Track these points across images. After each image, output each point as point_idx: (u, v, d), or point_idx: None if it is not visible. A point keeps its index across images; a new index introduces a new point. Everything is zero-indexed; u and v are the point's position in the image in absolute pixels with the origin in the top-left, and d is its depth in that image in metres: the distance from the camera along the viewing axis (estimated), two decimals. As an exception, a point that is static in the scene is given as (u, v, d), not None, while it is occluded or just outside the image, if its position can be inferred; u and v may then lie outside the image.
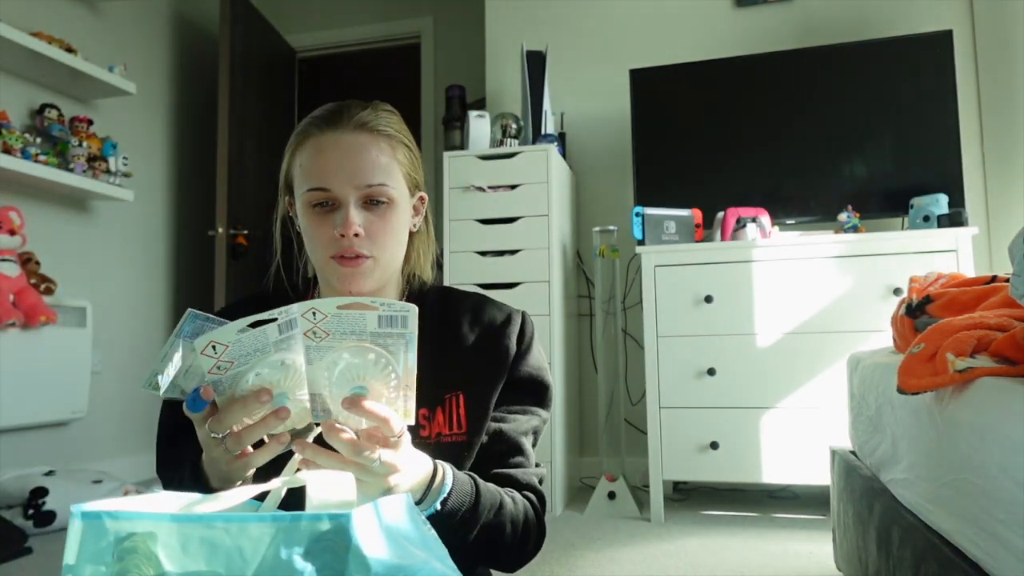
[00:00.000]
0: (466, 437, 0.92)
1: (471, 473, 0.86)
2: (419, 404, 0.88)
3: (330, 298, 0.65)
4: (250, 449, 0.70)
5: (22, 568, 2.01)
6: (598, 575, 1.89)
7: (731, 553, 2.06)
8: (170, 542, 0.47)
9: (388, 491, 0.69)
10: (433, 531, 0.61)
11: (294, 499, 0.64)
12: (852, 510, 1.44)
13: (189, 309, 0.69)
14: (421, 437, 0.90)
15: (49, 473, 2.46)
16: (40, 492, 2.32)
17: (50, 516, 2.29)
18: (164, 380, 0.69)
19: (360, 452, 0.66)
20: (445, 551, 0.60)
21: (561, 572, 1.91)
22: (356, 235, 0.87)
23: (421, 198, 0.99)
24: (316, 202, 0.88)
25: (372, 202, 0.89)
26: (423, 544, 0.58)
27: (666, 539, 2.22)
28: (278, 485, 0.61)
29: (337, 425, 0.67)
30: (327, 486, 0.59)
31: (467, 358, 0.95)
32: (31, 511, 2.28)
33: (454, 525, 0.79)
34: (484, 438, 0.93)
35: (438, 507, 0.77)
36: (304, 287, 1.03)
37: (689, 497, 2.79)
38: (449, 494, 0.78)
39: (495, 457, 0.93)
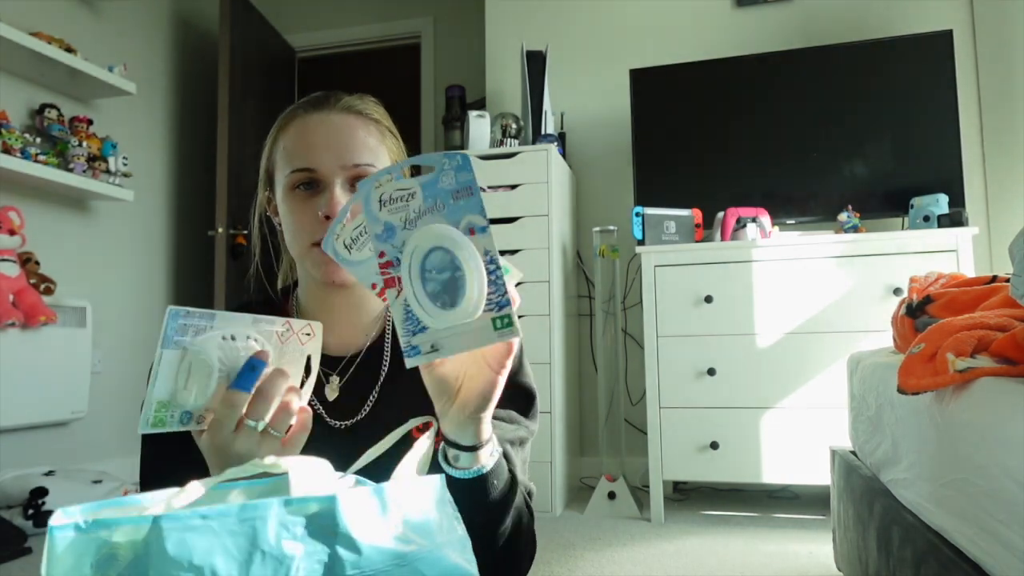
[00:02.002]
0: None
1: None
2: (416, 417, 0.84)
3: None
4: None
5: (22, 568, 2.01)
6: (598, 575, 1.88)
7: (731, 553, 2.06)
8: (156, 543, 0.47)
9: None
10: (461, 524, 0.59)
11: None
12: (852, 510, 1.43)
13: (169, 308, 0.61)
14: None
15: (49, 473, 2.46)
16: (40, 492, 2.32)
17: (50, 516, 2.29)
18: (165, 412, 0.62)
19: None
20: (466, 543, 0.57)
21: (561, 572, 1.91)
22: None
23: None
24: (299, 183, 0.83)
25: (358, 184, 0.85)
26: (441, 531, 0.57)
27: (666, 539, 2.22)
28: (258, 470, 0.60)
29: None
30: (306, 472, 0.58)
31: None
32: (31, 511, 2.28)
33: (489, 498, 0.72)
34: None
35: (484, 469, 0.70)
36: (281, 295, 0.96)
37: (689, 497, 2.79)
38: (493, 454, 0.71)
39: None
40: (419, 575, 0.52)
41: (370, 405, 0.86)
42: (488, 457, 0.70)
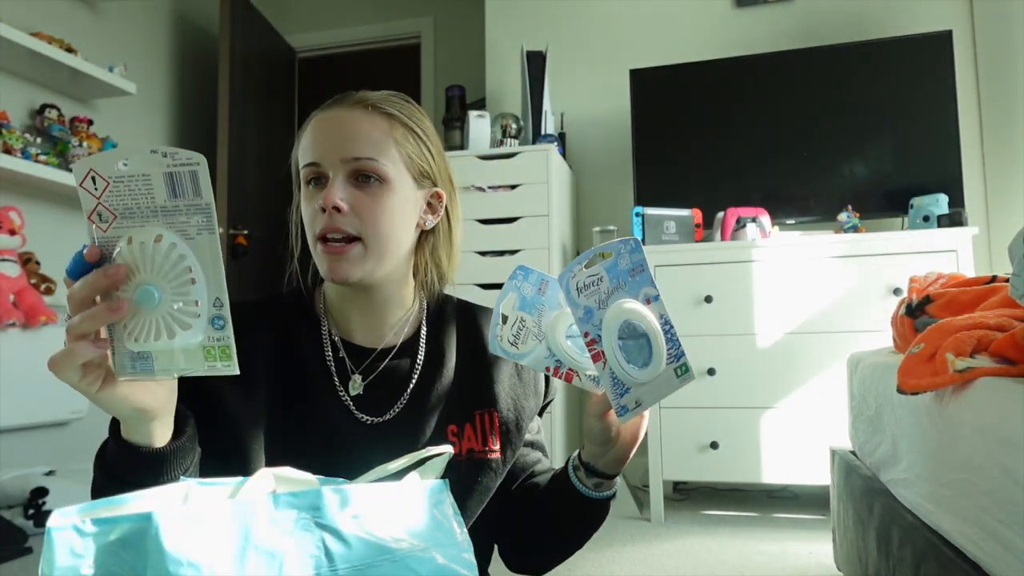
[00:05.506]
0: (499, 454, 0.92)
1: None
2: (448, 420, 0.88)
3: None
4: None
5: (22, 568, 2.01)
6: (598, 575, 1.88)
7: (731, 553, 2.06)
8: (153, 540, 0.47)
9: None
10: (463, 529, 0.60)
11: None
12: (852, 510, 1.43)
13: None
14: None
15: (49, 473, 2.46)
16: (40, 492, 2.32)
17: (50, 516, 2.29)
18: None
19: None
20: (466, 546, 0.59)
21: (561, 572, 1.90)
22: (337, 209, 0.80)
23: (437, 195, 0.91)
24: (309, 179, 0.84)
25: (361, 179, 0.82)
26: (435, 534, 0.57)
27: (666, 539, 2.22)
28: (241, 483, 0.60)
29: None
30: (293, 482, 0.59)
31: (501, 379, 0.93)
32: (31, 511, 2.28)
33: (606, 512, 0.92)
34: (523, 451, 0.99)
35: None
36: (313, 288, 0.96)
37: (689, 497, 2.79)
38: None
39: (533, 463, 1.03)
40: (410, 571, 0.53)
41: (401, 406, 0.88)
42: (615, 483, 0.90)
